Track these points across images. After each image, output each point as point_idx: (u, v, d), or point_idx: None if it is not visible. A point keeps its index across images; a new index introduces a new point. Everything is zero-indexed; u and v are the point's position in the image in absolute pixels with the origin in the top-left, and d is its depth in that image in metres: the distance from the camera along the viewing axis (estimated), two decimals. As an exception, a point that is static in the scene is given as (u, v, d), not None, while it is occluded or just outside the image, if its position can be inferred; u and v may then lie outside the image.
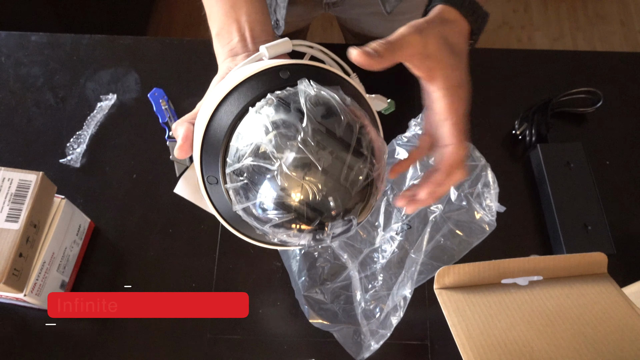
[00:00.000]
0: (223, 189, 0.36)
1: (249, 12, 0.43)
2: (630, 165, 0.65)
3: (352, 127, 0.34)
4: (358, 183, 0.34)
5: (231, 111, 0.35)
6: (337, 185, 0.33)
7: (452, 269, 0.50)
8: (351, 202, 0.34)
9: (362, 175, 0.34)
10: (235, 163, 0.34)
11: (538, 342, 0.44)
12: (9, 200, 0.49)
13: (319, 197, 0.32)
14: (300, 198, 0.32)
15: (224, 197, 0.36)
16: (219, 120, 0.35)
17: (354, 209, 0.34)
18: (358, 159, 0.33)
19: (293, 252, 0.57)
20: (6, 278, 0.46)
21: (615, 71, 0.72)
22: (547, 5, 1.76)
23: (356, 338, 0.54)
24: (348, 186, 0.33)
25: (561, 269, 0.51)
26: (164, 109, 0.66)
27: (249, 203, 0.34)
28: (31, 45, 0.71)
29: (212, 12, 0.45)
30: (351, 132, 0.33)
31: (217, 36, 0.44)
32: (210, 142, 0.36)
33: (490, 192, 0.58)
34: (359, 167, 0.33)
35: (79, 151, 0.64)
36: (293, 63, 0.37)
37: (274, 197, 0.32)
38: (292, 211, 0.33)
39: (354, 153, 0.33)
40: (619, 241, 0.59)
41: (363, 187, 0.34)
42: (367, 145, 0.34)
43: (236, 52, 0.42)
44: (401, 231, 0.57)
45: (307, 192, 0.32)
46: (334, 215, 0.33)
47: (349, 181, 0.33)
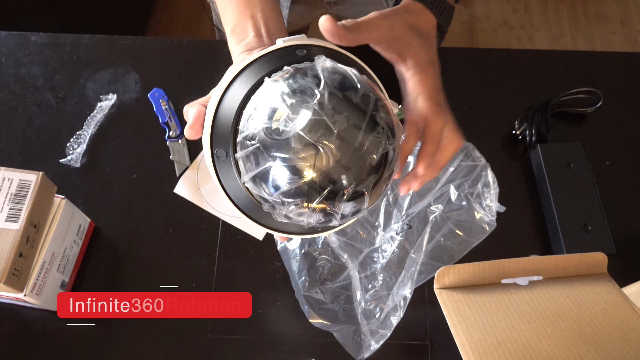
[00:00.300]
0: (232, 161, 0.35)
1: (263, 9, 0.43)
2: (630, 165, 0.65)
3: (369, 97, 0.33)
4: (373, 153, 0.32)
5: (247, 82, 0.35)
6: (352, 153, 0.31)
7: (452, 269, 0.50)
8: (365, 174, 0.32)
9: (378, 146, 0.32)
10: (248, 129, 0.33)
11: (538, 342, 0.44)
12: (9, 200, 0.49)
13: (332, 162, 0.31)
14: (313, 162, 0.31)
15: (232, 174, 0.35)
16: (234, 92, 0.35)
17: (367, 181, 0.33)
18: (374, 129, 0.32)
19: (293, 252, 0.57)
20: (6, 278, 0.46)
21: (615, 71, 0.72)
22: (547, 5, 1.76)
23: (356, 338, 0.54)
24: (363, 154, 0.32)
25: (561, 269, 0.51)
26: (164, 109, 0.66)
27: (259, 169, 0.32)
28: (31, 45, 0.71)
29: (226, 10, 0.45)
30: (368, 101, 0.33)
31: (232, 33, 0.44)
32: (223, 114, 0.35)
33: (490, 192, 0.58)
34: (375, 136, 0.32)
35: (79, 151, 0.64)
36: (310, 44, 0.37)
37: (286, 161, 0.31)
38: (304, 177, 0.31)
39: (370, 122, 0.32)
40: (619, 241, 0.59)
41: (378, 159, 0.33)
42: (384, 117, 0.33)
43: (252, 46, 0.42)
44: (401, 231, 0.57)
45: (320, 157, 0.31)
46: (346, 185, 0.32)
47: (364, 150, 0.32)
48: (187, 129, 0.38)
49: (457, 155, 0.60)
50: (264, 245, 0.60)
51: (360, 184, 0.32)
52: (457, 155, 0.60)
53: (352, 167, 0.32)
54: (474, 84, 0.71)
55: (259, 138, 0.32)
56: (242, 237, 0.60)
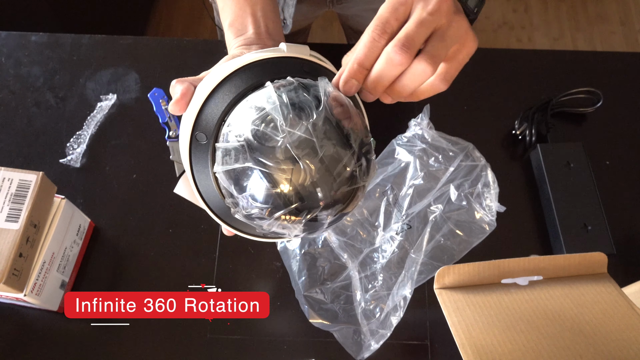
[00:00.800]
0: (210, 148, 0.35)
1: (264, 9, 0.43)
2: (630, 165, 0.65)
3: (359, 132, 0.34)
4: (346, 185, 0.34)
5: (249, 79, 0.35)
6: (327, 178, 0.33)
7: (452, 268, 0.50)
8: (331, 201, 0.34)
9: (352, 181, 0.34)
10: (238, 124, 0.33)
11: (538, 342, 0.44)
12: (9, 200, 0.49)
13: (307, 181, 0.32)
14: (290, 177, 0.32)
15: (205, 160, 0.36)
16: (234, 83, 0.35)
17: (331, 210, 0.34)
18: (355, 163, 0.34)
19: (293, 252, 0.57)
20: (6, 278, 0.46)
21: (615, 71, 0.72)
22: (547, 5, 1.76)
23: (356, 338, 0.54)
24: (336, 183, 0.33)
25: (561, 269, 0.51)
26: (164, 109, 0.66)
27: (237, 165, 0.33)
28: (31, 45, 0.71)
29: (226, 4, 0.44)
30: (357, 136, 0.34)
31: (231, 27, 0.44)
32: (216, 100, 0.35)
33: (490, 192, 0.58)
34: (353, 169, 0.34)
35: (79, 151, 0.64)
36: (316, 63, 0.38)
37: (266, 168, 0.32)
38: (278, 187, 0.32)
39: (352, 157, 0.34)
40: (619, 241, 0.59)
41: (349, 190, 0.34)
42: (365, 155, 0.35)
43: (251, 42, 0.42)
44: (401, 231, 0.57)
45: (298, 173, 0.32)
46: (311, 206, 0.33)
47: (340, 179, 0.33)
48: (172, 104, 0.38)
49: (457, 155, 0.60)
50: (264, 245, 0.60)
51: (324, 210, 0.34)
52: (457, 155, 0.60)
53: (323, 192, 0.33)
54: (474, 84, 0.71)
55: (246, 137, 0.33)
56: (242, 237, 0.60)
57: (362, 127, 0.35)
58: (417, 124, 0.60)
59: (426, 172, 0.59)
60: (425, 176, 0.59)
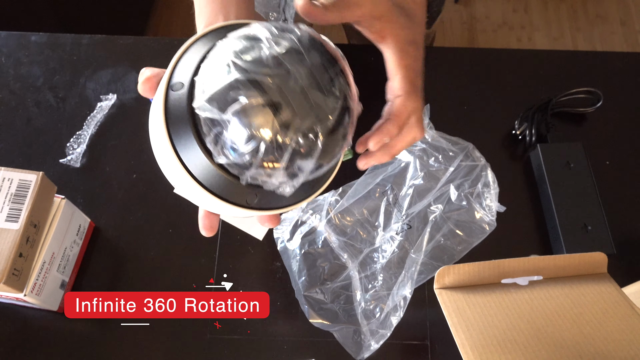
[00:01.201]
0: (187, 89, 0.32)
1: (237, 15, 0.43)
2: (630, 165, 0.65)
3: (336, 63, 0.33)
4: (330, 110, 0.32)
5: (221, 34, 0.34)
6: (306, 97, 0.31)
7: (452, 268, 0.50)
8: (321, 115, 0.31)
9: (334, 91, 0.32)
10: (215, 63, 0.31)
11: (538, 342, 0.44)
12: (9, 200, 0.49)
13: (298, 90, 0.30)
14: (278, 84, 0.30)
15: (182, 106, 0.32)
16: (205, 40, 0.35)
17: (322, 125, 0.31)
18: (333, 90, 0.32)
19: (293, 252, 0.57)
20: (6, 278, 0.46)
21: (615, 71, 0.72)
22: (547, 5, 1.76)
23: (356, 338, 0.54)
24: (320, 98, 0.31)
25: (561, 269, 0.51)
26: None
27: (221, 86, 0.30)
28: (31, 45, 0.71)
29: (202, 11, 0.45)
30: (333, 64, 0.33)
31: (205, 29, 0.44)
32: (189, 53, 0.34)
33: (490, 192, 0.58)
34: (332, 96, 0.32)
35: (79, 151, 0.64)
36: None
37: (250, 75, 0.30)
38: (265, 93, 0.30)
39: (329, 82, 0.32)
40: (619, 241, 0.59)
41: (336, 114, 0.32)
42: (343, 84, 0.33)
43: None
44: (401, 231, 0.57)
45: (287, 79, 0.30)
46: (298, 124, 0.30)
47: (324, 90, 0.31)
48: (141, 83, 0.38)
49: (457, 155, 0.60)
50: (264, 245, 0.60)
51: (313, 126, 0.31)
52: (457, 155, 0.60)
53: (307, 106, 0.31)
54: (474, 84, 0.71)
55: (228, 61, 0.31)
56: (242, 237, 0.60)
57: (337, 57, 0.34)
58: (417, 124, 0.60)
59: (426, 172, 0.59)
60: (425, 176, 0.59)
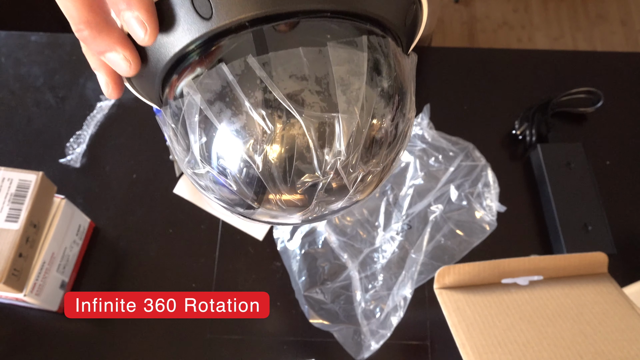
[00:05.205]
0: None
1: None
2: (630, 165, 0.65)
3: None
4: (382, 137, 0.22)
5: None
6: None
7: (452, 268, 0.50)
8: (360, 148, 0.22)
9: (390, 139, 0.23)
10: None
11: (538, 342, 0.44)
12: (8, 200, 0.49)
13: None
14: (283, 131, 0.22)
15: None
16: None
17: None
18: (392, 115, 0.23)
19: (293, 252, 0.57)
20: (6, 278, 0.46)
21: (615, 71, 0.72)
22: (547, 5, 1.76)
23: (356, 338, 0.54)
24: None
25: (561, 269, 0.51)
26: (164, 109, 0.66)
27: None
28: (31, 45, 0.71)
29: None
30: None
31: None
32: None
33: (490, 192, 0.58)
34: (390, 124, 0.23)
35: (79, 151, 0.64)
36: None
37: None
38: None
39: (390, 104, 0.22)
40: (620, 241, 0.59)
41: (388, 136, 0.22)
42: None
43: None
44: (401, 231, 0.57)
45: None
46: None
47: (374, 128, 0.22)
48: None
49: (457, 155, 0.60)
50: (264, 245, 0.60)
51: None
52: (458, 155, 0.60)
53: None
54: (474, 84, 0.71)
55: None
56: (242, 237, 0.60)
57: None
58: (417, 124, 0.60)
59: (426, 172, 0.59)
60: (425, 176, 0.59)
